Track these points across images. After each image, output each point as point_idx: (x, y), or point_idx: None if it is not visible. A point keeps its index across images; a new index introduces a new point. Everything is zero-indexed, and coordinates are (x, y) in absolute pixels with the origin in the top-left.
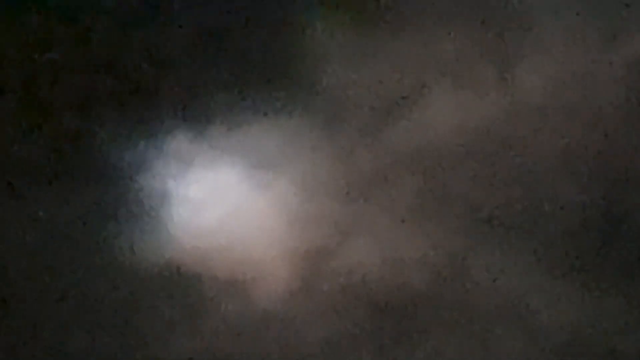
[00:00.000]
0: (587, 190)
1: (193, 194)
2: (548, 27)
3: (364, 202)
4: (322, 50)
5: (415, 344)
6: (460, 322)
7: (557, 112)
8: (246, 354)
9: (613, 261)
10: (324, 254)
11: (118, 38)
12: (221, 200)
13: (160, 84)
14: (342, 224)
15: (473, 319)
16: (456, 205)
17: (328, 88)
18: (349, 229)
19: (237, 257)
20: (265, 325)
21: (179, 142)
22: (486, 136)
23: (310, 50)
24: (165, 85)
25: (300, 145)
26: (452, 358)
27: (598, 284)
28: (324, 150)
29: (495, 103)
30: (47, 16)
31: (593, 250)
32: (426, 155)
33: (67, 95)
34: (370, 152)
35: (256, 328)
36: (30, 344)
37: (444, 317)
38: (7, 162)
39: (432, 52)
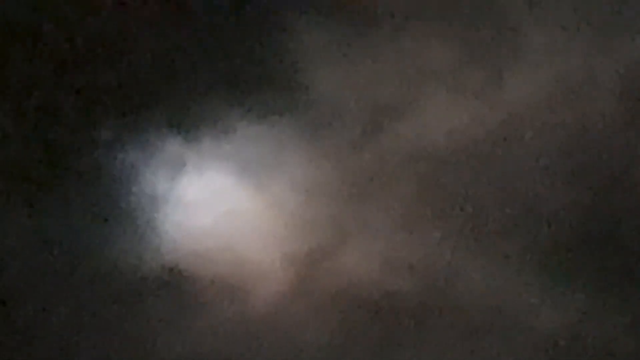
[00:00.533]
0: (584, 193)
1: (189, 196)
2: (543, 32)
3: (361, 205)
4: (316, 54)
5: (412, 350)
6: (456, 327)
7: (553, 116)
8: (243, 356)
9: (610, 264)
10: (320, 256)
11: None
12: (218, 202)
13: (153, 87)
14: (339, 226)
15: (469, 323)
16: (453, 208)
17: (323, 91)
18: (346, 232)
19: (234, 259)
20: (262, 328)
21: (175, 145)
22: (482, 140)
23: (304, 53)
24: (159, 88)
25: (297, 147)
26: None
27: (595, 288)
28: (321, 153)
29: (491, 107)
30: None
31: (590, 254)
32: (423, 158)
33: (62, 100)
34: (366, 154)
35: (253, 330)
36: (28, 346)
37: (441, 321)
38: (2, 167)
39: (428, 56)
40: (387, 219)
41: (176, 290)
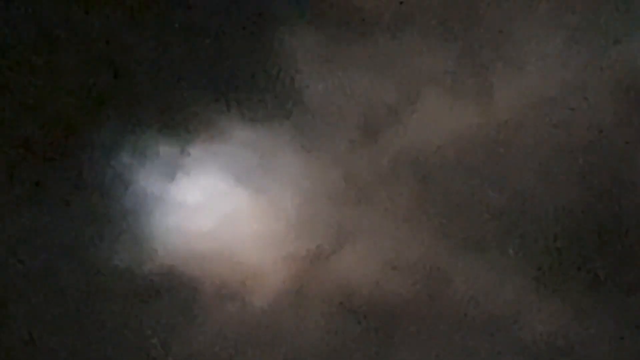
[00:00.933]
0: (583, 194)
1: (187, 199)
2: (542, 33)
3: (359, 206)
4: (313, 56)
5: (412, 350)
6: (455, 327)
7: (552, 117)
8: (242, 358)
9: (609, 265)
10: (320, 258)
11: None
12: (216, 205)
13: (151, 91)
14: (338, 227)
15: (468, 324)
16: (451, 209)
17: (320, 93)
18: (345, 233)
19: (233, 261)
20: (261, 329)
21: (173, 147)
22: (481, 141)
23: (302, 56)
24: (156, 91)
25: (294, 149)
26: None
27: (594, 289)
28: (318, 154)
29: (490, 108)
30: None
31: (589, 255)
32: (421, 159)
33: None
34: (364, 156)
35: (252, 332)
36: (27, 347)
37: (439, 322)
38: (1, 167)
39: (426, 58)
40: (385, 220)
41: (175, 292)
